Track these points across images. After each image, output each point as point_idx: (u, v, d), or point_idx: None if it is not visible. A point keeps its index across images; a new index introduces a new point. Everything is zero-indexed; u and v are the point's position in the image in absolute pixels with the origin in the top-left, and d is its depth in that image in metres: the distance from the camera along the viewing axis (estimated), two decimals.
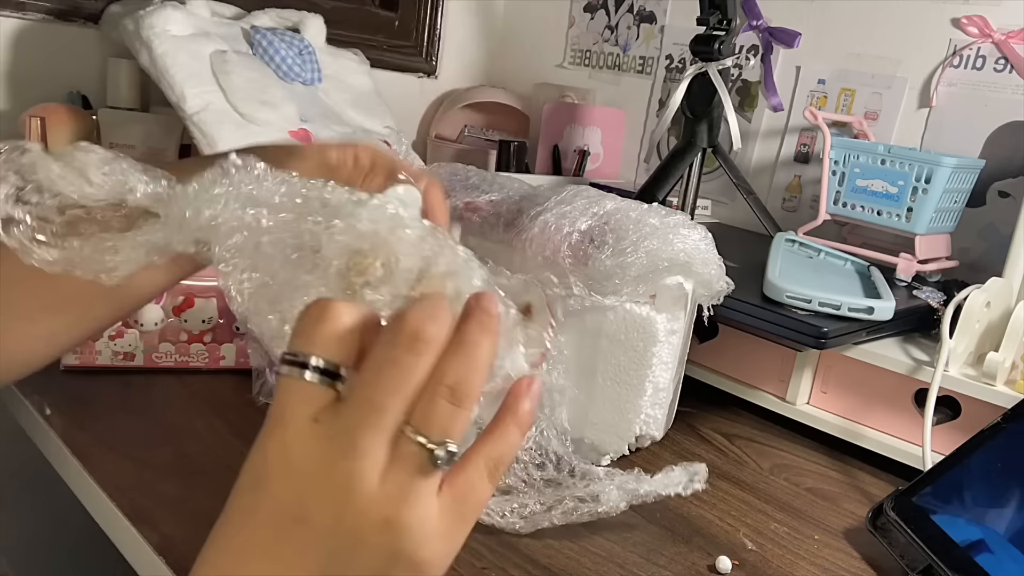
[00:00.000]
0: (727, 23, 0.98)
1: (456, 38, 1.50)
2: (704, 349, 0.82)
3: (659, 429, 0.67)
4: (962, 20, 0.97)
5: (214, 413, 0.66)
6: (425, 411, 0.32)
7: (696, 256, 0.61)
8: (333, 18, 1.18)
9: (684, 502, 0.62)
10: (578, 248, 0.60)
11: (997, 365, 0.66)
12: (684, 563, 0.54)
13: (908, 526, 0.56)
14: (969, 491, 0.57)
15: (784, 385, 0.78)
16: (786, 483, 0.68)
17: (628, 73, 1.36)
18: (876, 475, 0.72)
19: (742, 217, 1.12)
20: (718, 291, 0.63)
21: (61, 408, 0.63)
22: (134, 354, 0.70)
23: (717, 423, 0.78)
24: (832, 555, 0.58)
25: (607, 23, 1.38)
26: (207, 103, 0.91)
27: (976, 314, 0.70)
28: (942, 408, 0.70)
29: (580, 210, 0.62)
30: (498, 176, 0.72)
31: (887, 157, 0.89)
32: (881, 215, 0.90)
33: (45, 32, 1.06)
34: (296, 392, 0.33)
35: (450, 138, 1.46)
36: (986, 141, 0.97)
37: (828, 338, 0.68)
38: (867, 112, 1.06)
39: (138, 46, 0.92)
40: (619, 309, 0.63)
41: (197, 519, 0.51)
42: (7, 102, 1.05)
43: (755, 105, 1.19)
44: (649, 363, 0.63)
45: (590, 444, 0.64)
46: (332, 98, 1.10)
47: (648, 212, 0.61)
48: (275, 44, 1.03)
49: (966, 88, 0.98)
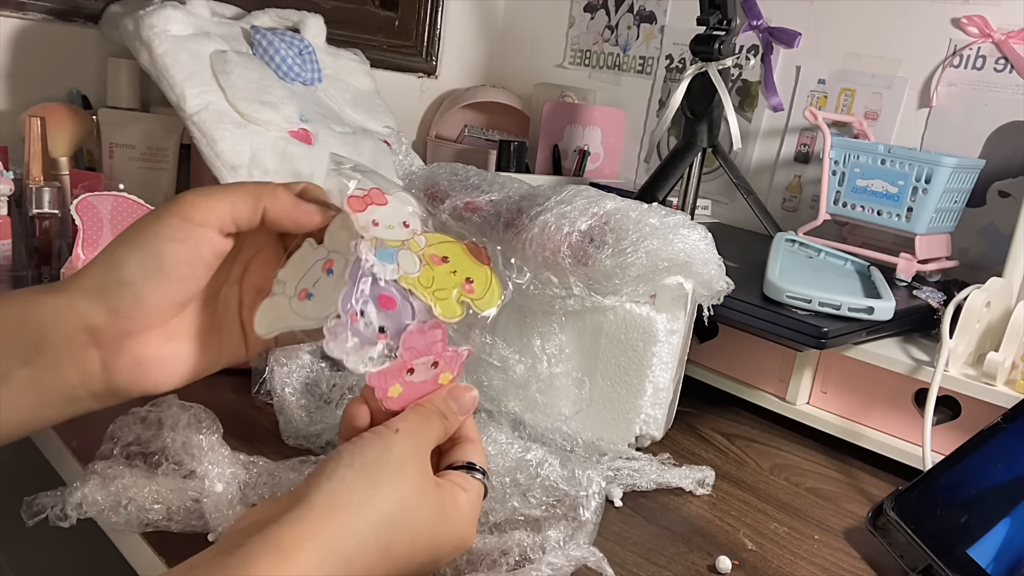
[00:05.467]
0: (727, 23, 0.98)
1: (456, 38, 1.50)
2: (704, 349, 0.82)
3: (659, 429, 0.67)
4: (962, 20, 0.97)
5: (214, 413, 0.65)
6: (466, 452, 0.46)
7: (696, 256, 0.61)
8: (333, 18, 1.19)
9: (684, 502, 0.62)
10: (578, 248, 0.60)
11: (997, 365, 0.66)
12: (684, 563, 0.54)
13: (908, 526, 0.56)
14: (969, 491, 0.57)
15: (784, 385, 0.78)
16: (786, 483, 0.68)
17: (628, 73, 1.36)
18: (876, 475, 0.71)
19: (742, 217, 1.12)
20: (718, 291, 0.63)
21: None
22: None
23: (717, 423, 0.78)
24: (832, 555, 0.58)
25: (607, 23, 1.38)
26: (207, 103, 0.91)
27: (976, 314, 0.70)
28: (942, 408, 0.70)
29: (580, 210, 0.62)
30: (498, 176, 0.72)
31: (887, 157, 0.89)
32: (881, 215, 0.90)
33: (45, 32, 1.06)
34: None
35: (450, 138, 1.46)
36: (986, 141, 0.97)
37: (828, 338, 0.68)
38: (867, 112, 1.06)
39: (138, 46, 0.92)
40: (619, 309, 0.63)
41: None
42: (7, 102, 1.05)
43: (755, 105, 1.19)
44: (649, 363, 0.63)
45: (590, 444, 0.64)
46: (332, 98, 1.10)
47: (648, 212, 0.61)
48: (275, 44, 1.03)
49: (966, 88, 0.98)
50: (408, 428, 0.41)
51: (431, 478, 0.42)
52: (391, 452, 0.40)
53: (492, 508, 0.52)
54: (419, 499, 0.40)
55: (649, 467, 0.63)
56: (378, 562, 0.38)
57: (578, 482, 0.53)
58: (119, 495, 0.48)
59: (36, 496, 0.49)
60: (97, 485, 0.49)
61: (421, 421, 0.43)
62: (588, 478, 0.53)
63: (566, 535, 0.49)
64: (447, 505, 0.42)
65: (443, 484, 0.43)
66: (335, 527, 0.36)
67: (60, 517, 0.48)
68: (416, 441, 0.41)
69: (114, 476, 0.50)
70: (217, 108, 0.91)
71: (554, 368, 0.65)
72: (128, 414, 0.56)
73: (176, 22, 0.93)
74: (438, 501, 0.41)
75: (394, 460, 0.40)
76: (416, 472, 0.40)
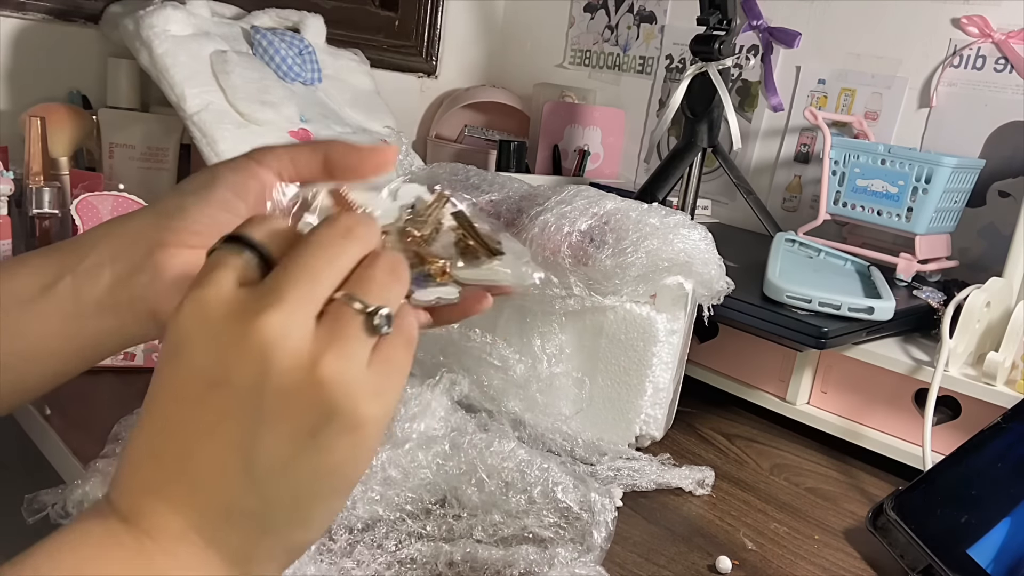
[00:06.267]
0: (727, 23, 0.98)
1: (456, 38, 1.50)
2: (704, 349, 0.82)
3: (659, 429, 0.67)
4: (962, 20, 0.97)
5: None
6: (363, 278, 0.32)
7: (696, 256, 0.61)
8: (333, 18, 1.19)
9: (684, 502, 0.62)
10: (578, 248, 0.60)
11: (997, 365, 0.66)
12: (684, 563, 0.54)
13: (908, 526, 0.56)
14: (969, 491, 0.57)
15: (784, 385, 0.78)
16: (786, 483, 0.68)
17: (628, 73, 1.36)
18: (876, 475, 0.71)
19: (742, 217, 1.12)
20: (718, 291, 0.63)
21: (61, 408, 0.63)
22: (134, 354, 0.69)
23: (717, 423, 0.78)
24: (832, 555, 0.58)
25: (607, 23, 1.38)
26: (207, 103, 0.91)
27: (976, 314, 0.70)
28: (942, 408, 0.70)
29: (580, 210, 0.62)
30: (498, 176, 0.72)
31: (887, 157, 0.89)
32: (881, 215, 0.90)
33: (45, 32, 1.06)
34: (224, 260, 0.31)
35: (450, 138, 1.46)
36: (986, 141, 0.97)
37: (828, 338, 0.68)
38: (867, 112, 1.06)
39: (138, 46, 0.92)
40: (619, 309, 0.63)
41: None
42: (7, 102, 1.05)
43: (755, 105, 1.19)
44: (649, 363, 0.63)
45: (590, 444, 0.64)
46: (332, 98, 1.10)
47: (648, 212, 0.61)
48: (275, 44, 1.03)
49: (966, 88, 0.98)
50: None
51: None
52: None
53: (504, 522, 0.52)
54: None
55: (649, 467, 0.63)
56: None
57: (591, 507, 0.53)
58: None
59: (37, 494, 0.49)
60: (99, 483, 0.49)
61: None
62: (603, 505, 0.53)
63: (573, 556, 0.49)
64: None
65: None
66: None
67: (61, 515, 0.48)
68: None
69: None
70: (217, 108, 0.91)
71: (554, 368, 0.65)
72: (133, 414, 0.56)
73: (176, 22, 0.93)
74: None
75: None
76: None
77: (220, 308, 0.30)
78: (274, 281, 0.30)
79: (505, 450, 0.55)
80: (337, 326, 0.30)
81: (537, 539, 0.52)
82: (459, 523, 0.52)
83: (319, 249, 0.31)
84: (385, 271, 0.32)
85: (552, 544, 0.51)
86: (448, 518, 0.53)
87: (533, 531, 0.52)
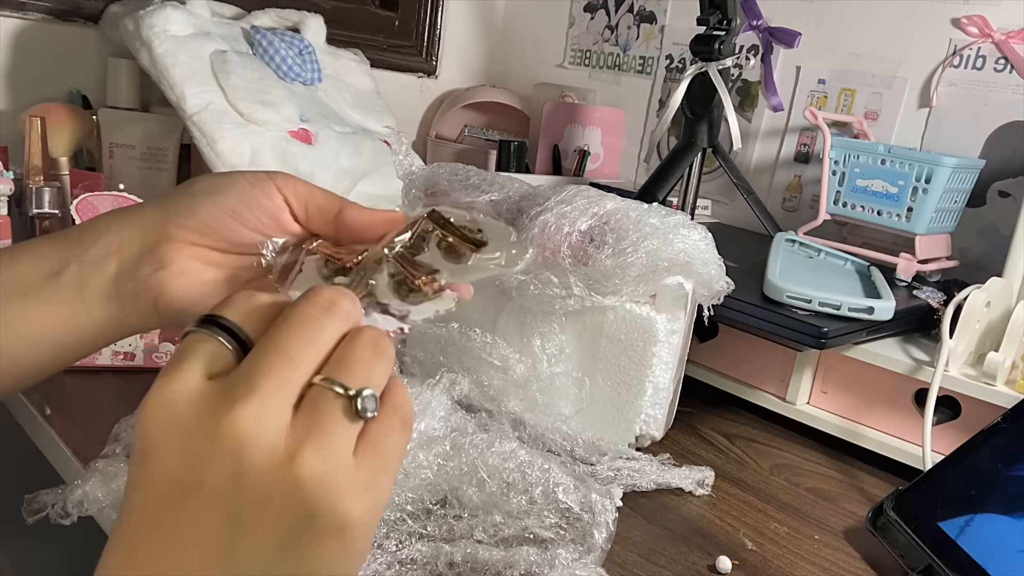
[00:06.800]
0: (727, 23, 0.98)
1: (456, 38, 1.50)
2: (704, 349, 0.82)
3: (659, 429, 0.67)
4: (962, 20, 0.97)
5: None
6: (343, 358, 0.29)
7: (696, 256, 0.61)
8: (333, 18, 1.19)
9: (684, 502, 0.62)
10: (578, 248, 0.60)
11: (997, 365, 0.66)
12: (684, 563, 0.54)
13: (908, 526, 0.56)
14: (969, 491, 0.57)
15: (784, 385, 0.78)
16: (786, 483, 0.68)
17: (628, 73, 1.36)
18: (876, 475, 0.72)
19: (742, 217, 1.12)
20: (718, 291, 0.63)
21: (61, 408, 0.63)
22: (134, 354, 0.70)
23: (717, 423, 0.78)
24: (832, 555, 0.58)
25: (607, 23, 1.38)
26: (207, 103, 0.91)
27: (976, 314, 0.70)
28: (942, 408, 0.70)
29: (580, 210, 0.62)
30: (498, 176, 0.72)
31: (887, 157, 0.89)
32: (881, 215, 0.90)
33: (45, 32, 1.06)
34: (195, 347, 0.29)
35: (450, 138, 1.46)
36: (986, 141, 0.97)
37: (828, 338, 0.68)
38: (867, 112, 1.06)
39: (138, 46, 0.92)
40: (619, 309, 0.63)
41: None
42: (7, 102, 1.05)
43: (755, 105, 1.19)
44: (649, 363, 0.63)
45: (590, 444, 0.64)
46: (332, 98, 1.10)
47: (648, 212, 0.61)
48: (275, 44, 1.03)
49: (966, 88, 0.98)
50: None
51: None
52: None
53: (504, 523, 0.52)
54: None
55: (649, 467, 0.63)
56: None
57: (591, 507, 0.53)
58: (120, 493, 0.48)
59: (37, 494, 0.49)
60: (98, 483, 0.49)
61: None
62: (603, 506, 0.53)
63: (574, 557, 0.49)
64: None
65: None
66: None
67: (61, 515, 0.48)
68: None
69: (115, 474, 0.50)
70: (217, 108, 0.91)
71: (554, 368, 0.65)
72: (133, 414, 0.56)
73: (176, 22, 0.93)
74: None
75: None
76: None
77: (188, 404, 0.28)
78: (247, 368, 0.28)
79: (506, 450, 0.55)
80: (316, 415, 0.28)
81: (538, 540, 0.52)
82: (460, 523, 0.52)
83: (298, 328, 0.29)
84: (368, 347, 0.30)
85: (553, 545, 0.51)
86: (449, 518, 0.53)
87: (534, 532, 0.52)
